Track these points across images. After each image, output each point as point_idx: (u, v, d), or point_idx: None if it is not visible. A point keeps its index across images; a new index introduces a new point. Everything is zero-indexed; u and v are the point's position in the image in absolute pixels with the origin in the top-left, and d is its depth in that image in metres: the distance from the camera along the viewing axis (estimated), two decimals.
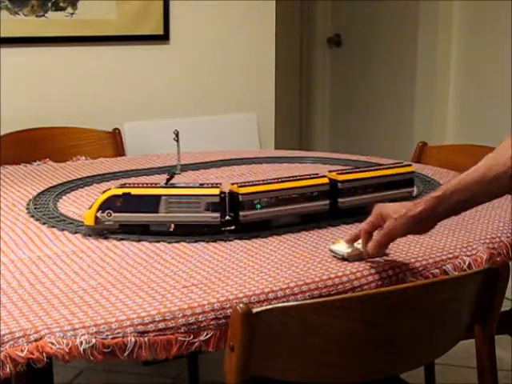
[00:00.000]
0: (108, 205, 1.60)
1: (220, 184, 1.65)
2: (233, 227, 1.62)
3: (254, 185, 1.64)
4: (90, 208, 1.62)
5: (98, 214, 1.59)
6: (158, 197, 1.59)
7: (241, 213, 1.61)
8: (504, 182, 1.37)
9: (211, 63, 3.05)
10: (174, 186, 1.66)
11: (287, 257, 1.48)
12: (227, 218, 1.62)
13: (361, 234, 1.44)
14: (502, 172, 1.36)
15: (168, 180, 1.62)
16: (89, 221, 1.60)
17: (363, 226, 1.44)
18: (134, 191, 1.61)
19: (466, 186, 1.38)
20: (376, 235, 1.41)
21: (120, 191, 1.61)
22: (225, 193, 1.62)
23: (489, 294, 1.37)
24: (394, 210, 1.39)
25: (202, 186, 1.65)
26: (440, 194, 1.38)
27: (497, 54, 3.35)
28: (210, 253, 1.51)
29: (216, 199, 1.60)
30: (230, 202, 1.62)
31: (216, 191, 1.60)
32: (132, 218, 1.60)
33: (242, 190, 1.61)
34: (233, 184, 1.64)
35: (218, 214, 1.60)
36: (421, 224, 1.40)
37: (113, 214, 1.59)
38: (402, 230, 1.40)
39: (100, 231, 1.61)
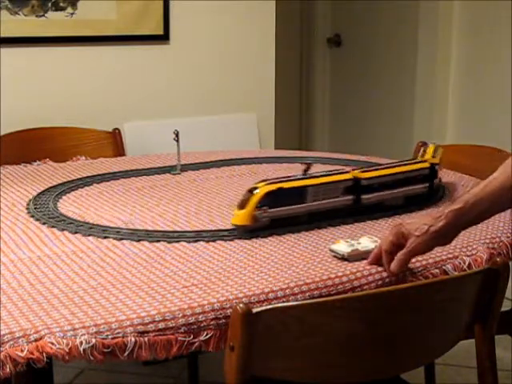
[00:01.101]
0: (264, 201, 1.63)
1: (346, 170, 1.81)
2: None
3: (372, 170, 1.81)
4: (241, 208, 1.63)
5: (256, 213, 1.61)
6: (306, 188, 1.68)
7: (363, 196, 1.77)
8: None
9: (211, 63, 3.05)
10: (314, 176, 1.74)
11: (287, 257, 1.48)
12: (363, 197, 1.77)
13: (382, 254, 1.41)
14: None
15: (306, 171, 1.72)
16: (245, 220, 1.62)
17: (383, 246, 1.41)
18: (285, 185, 1.67)
19: (486, 196, 1.37)
20: (400, 254, 1.39)
21: (274, 187, 1.66)
22: (357, 178, 1.77)
23: (489, 294, 1.37)
24: (416, 228, 1.38)
25: (332, 172, 1.78)
26: (461, 207, 1.37)
27: (497, 54, 3.35)
28: (209, 253, 1.51)
29: (350, 183, 1.75)
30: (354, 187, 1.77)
31: (349, 176, 1.76)
32: (286, 212, 1.66)
33: (365, 175, 1.78)
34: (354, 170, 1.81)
35: (352, 197, 1.75)
36: (443, 237, 1.40)
37: (268, 211, 1.63)
38: (427, 247, 1.39)
39: (252, 229, 1.62)
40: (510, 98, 3.17)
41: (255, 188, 1.65)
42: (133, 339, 1.18)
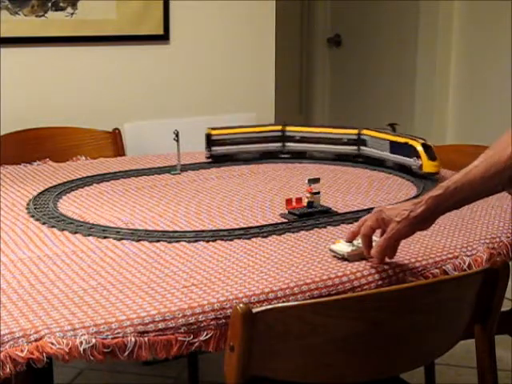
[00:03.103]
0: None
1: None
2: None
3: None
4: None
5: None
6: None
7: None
8: (505, 177, 1.37)
9: (211, 63, 3.05)
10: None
11: (287, 257, 1.48)
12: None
13: (360, 237, 1.44)
14: (503, 168, 1.37)
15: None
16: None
17: (362, 231, 1.43)
18: None
19: (467, 183, 1.38)
20: (381, 240, 1.41)
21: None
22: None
23: (489, 294, 1.37)
24: (396, 214, 1.39)
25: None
26: (441, 193, 1.38)
27: (497, 54, 3.36)
28: (209, 253, 1.51)
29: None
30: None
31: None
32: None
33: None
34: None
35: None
36: (423, 223, 1.41)
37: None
38: (407, 232, 1.40)
39: None
40: (510, 98, 3.18)
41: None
42: (133, 339, 1.18)
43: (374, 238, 1.45)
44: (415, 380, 1.79)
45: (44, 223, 1.70)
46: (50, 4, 2.72)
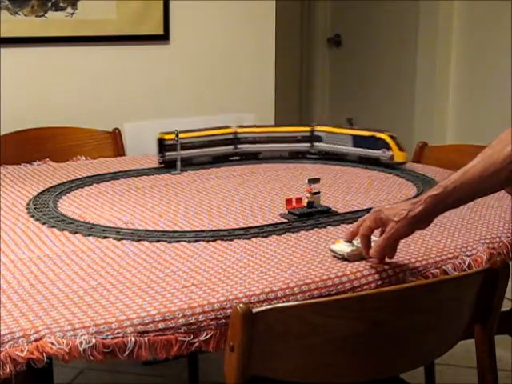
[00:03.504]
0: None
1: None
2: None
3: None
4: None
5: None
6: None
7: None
8: (503, 176, 1.37)
9: (211, 63, 3.05)
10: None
11: (287, 257, 1.48)
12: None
13: (359, 237, 1.44)
14: (501, 167, 1.37)
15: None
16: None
17: (361, 231, 1.43)
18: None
19: (465, 182, 1.38)
20: (380, 240, 1.41)
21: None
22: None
23: (489, 294, 1.37)
24: (395, 213, 1.39)
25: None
26: (439, 192, 1.38)
27: (497, 54, 3.36)
28: (209, 253, 1.51)
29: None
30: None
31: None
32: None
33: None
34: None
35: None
36: (422, 222, 1.41)
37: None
38: (406, 232, 1.41)
39: None
40: (510, 98, 3.18)
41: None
42: (133, 339, 1.18)
43: (373, 237, 1.45)
44: (415, 380, 1.78)
45: (44, 223, 1.70)
46: (49, 4, 2.72)
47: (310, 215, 1.75)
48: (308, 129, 2.35)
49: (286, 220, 1.73)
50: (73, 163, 2.35)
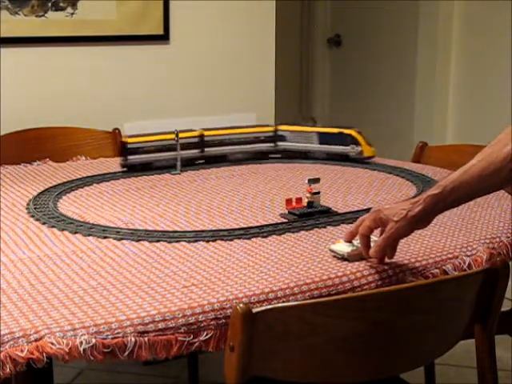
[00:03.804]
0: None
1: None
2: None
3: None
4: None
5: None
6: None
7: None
8: (503, 175, 1.37)
9: (211, 63, 3.05)
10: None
11: (287, 257, 1.48)
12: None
13: (359, 237, 1.44)
14: (501, 166, 1.37)
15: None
16: None
17: (361, 231, 1.43)
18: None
19: (465, 181, 1.38)
20: (379, 240, 1.41)
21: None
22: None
23: (489, 294, 1.37)
24: (394, 213, 1.39)
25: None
26: (439, 192, 1.38)
27: (497, 54, 3.36)
28: (209, 253, 1.51)
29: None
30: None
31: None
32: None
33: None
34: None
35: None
36: (421, 221, 1.41)
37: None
38: (405, 231, 1.40)
39: None
40: (510, 97, 3.18)
41: None
42: (133, 339, 1.18)
43: (373, 237, 1.45)
44: (415, 380, 1.78)
45: (44, 223, 1.70)
46: (49, 4, 2.72)
47: (310, 215, 1.75)
48: (271, 129, 2.36)
49: (286, 220, 1.73)
50: (73, 163, 2.35)
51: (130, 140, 2.19)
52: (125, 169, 2.19)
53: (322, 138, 2.31)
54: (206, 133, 2.27)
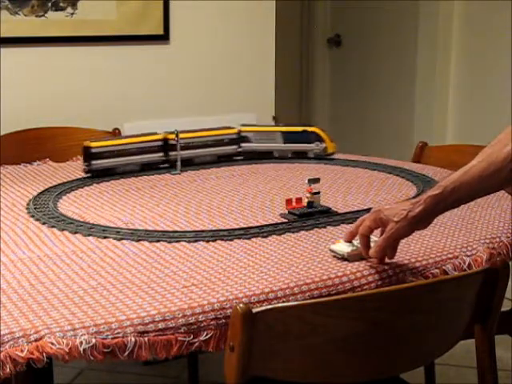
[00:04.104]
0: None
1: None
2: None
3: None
4: None
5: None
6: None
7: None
8: (503, 175, 1.37)
9: (211, 63, 3.05)
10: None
11: (287, 257, 1.48)
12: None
13: (359, 237, 1.44)
14: (501, 167, 1.37)
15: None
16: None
17: (361, 231, 1.43)
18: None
19: (465, 182, 1.38)
20: (379, 240, 1.41)
21: None
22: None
23: (489, 294, 1.37)
24: (394, 214, 1.39)
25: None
26: (439, 192, 1.38)
27: (497, 54, 3.36)
28: (209, 253, 1.51)
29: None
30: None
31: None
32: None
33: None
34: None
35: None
36: (422, 222, 1.41)
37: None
38: (406, 232, 1.40)
39: None
40: (510, 97, 3.18)
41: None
42: (133, 339, 1.18)
43: (373, 237, 1.45)
44: (415, 380, 1.78)
45: (44, 223, 1.70)
46: (49, 4, 2.72)
47: (310, 215, 1.75)
48: (234, 131, 2.34)
49: (286, 220, 1.73)
50: (73, 163, 2.35)
51: (93, 144, 2.13)
52: (88, 174, 2.13)
53: (287, 136, 2.33)
54: (169, 136, 2.23)
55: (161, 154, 2.23)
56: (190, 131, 2.28)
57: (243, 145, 2.34)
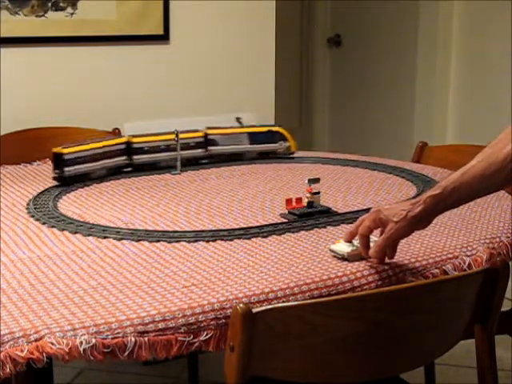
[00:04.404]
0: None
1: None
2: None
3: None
4: None
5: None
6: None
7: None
8: (503, 175, 1.37)
9: (211, 63, 3.05)
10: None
11: (287, 257, 1.48)
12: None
13: (358, 237, 1.44)
14: (501, 167, 1.37)
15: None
16: None
17: (360, 231, 1.43)
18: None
19: (465, 182, 1.38)
20: (379, 240, 1.41)
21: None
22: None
23: (489, 294, 1.37)
24: (394, 214, 1.39)
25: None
26: (439, 193, 1.38)
27: (497, 54, 3.36)
28: (209, 253, 1.51)
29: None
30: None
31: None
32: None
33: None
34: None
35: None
36: (421, 222, 1.41)
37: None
38: (405, 232, 1.40)
39: None
40: (510, 97, 3.18)
41: None
42: (133, 339, 1.18)
43: (373, 238, 1.45)
44: (415, 380, 1.78)
45: (44, 223, 1.70)
46: (49, 4, 2.72)
47: (310, 215, 1.75)
48: (201, 134, 2.29)
49: (286, 220, 1.73)
50: None
51: (65, 151, 2.04)
52: (58, 182, 2.04)
53: (252, 137, 2.32)
54: (134, 140, 2.20)
55: (124, 158, 2.19)
56: (154, 134, 2.23)
57: (210, 148, 2.30)
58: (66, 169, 2.03)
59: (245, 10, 3.07)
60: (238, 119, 2.44)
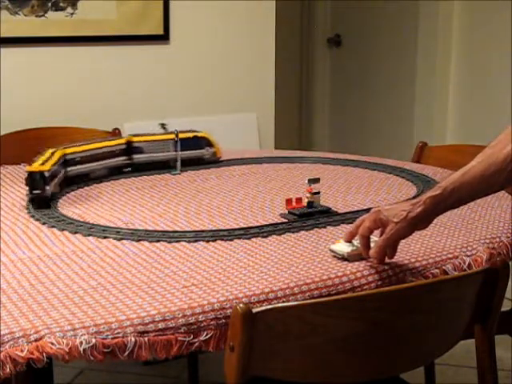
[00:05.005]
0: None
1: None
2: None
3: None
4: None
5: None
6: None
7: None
8: (503, 176, 1.37)
9: (211, 63, 3.05)
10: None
11: (287, 257, 1.48)
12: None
13: (358, 237, 1.44)
14: (501, 167, 1.37)
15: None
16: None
17: (360, 231, 1.43)
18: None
19: (465, 183, 1.38)
20: (379, 240, 1.41)
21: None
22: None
23: (489, 294, 1.37)
24: (394, 214, 1.39)
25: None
26: (439, 193, 1.38)
27: (497, 55, 3.36)
28: (209, 253, 1.51)
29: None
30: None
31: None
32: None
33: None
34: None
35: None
36: (422, 223, 1.41)
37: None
38: (405, 233, 1.40)
39: None
40: (510, 97, 3.18)
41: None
42: (133, 339, 1.18)
43: (373, 238, 1.45)
44: (415, 380, 1.78)
45: (44, 223, 1.70)
46: (49, 4, 2.72)
47: (310, 215, 1.75)
48: (123, 141, 2.20)
49: (286, 220, 1.73)
50: None
51: (42, 168, 1.86)
52: (31, 203, 1.85)
53: (178, 144, 2.24)
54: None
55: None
56: (81, 145, 2.12)
57: (135, 156, 2.20)
58: (47, 187, 1.87)
59: (245, 9, 3.07)
60: (162, 125, 2.39)
